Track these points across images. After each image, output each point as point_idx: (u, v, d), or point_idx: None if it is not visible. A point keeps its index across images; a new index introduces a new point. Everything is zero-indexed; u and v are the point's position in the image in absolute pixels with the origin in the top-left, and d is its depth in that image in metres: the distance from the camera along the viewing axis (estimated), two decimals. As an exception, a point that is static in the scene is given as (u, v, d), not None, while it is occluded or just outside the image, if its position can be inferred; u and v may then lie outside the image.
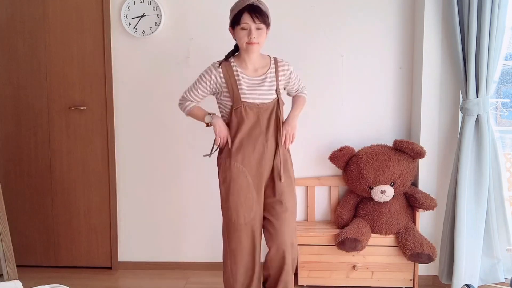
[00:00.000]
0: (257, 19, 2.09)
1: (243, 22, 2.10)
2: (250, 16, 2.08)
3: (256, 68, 2.23)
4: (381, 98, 2.96)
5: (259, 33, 2.12)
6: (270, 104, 2.20)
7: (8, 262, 2.42)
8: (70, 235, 3.13)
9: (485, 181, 2.56)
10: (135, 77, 3.01)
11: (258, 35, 2.12)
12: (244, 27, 2.11)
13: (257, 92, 2.19)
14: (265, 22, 2.12)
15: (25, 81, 3.05)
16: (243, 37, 2.13)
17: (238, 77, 2.18)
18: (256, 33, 2.11)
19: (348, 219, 2.82)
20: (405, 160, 2.73)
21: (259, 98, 2.19)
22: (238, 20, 2.11)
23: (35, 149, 3.09)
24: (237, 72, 2.19)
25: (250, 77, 2.20)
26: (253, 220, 2.22)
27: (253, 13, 2.08)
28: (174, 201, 3.08)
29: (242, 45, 2.15)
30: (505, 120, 2.94)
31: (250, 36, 2.10)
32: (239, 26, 2.12)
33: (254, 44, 2.12)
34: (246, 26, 2.10)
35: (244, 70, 2.21)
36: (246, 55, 2.20)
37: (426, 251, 2.56)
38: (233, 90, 2.17)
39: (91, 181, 3.09)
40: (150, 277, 3.02)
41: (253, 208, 2.21)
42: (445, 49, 2.71)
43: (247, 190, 2.20)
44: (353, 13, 2.90)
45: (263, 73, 2.23)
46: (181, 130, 3.02)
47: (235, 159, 2.20)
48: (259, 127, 2.19)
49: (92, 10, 2.97)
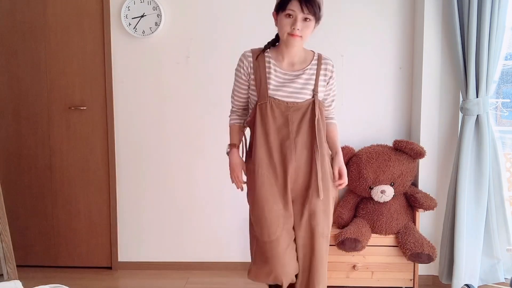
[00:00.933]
0: (307, 8, 1.79)
1: (289, 9, 1.81)
2: (299, 3, 1.79)
3: (293, 62, 1.95)
4: (381, 98, 2.96)
5: (305, 25, 1.83)
6: (303, 104, 1.92)
7: (8, 262, 2.41)
8: (70, 235, 3.13)
9: (485, 181, 2.56)
10: (135, 77, 3.01)
11: (303, 27, 1.83)
12: (289, 14, 1.82)
13: (288, 89, 1.91)
14: (315, 13, 1.82)
15: (25, 81, 3.05)
16: (285, 26, 1.84)
17: (269, 69, 1.92)
18: (301, 25, 1.82)
19: (348, 219, 2.82)
20: (405, 160, 2.73)
21: (289, 97, 1.91)
22: (285, 5, 1.81)
23: (35, 149, 3.09)
24: (270, 63, 1.93)
25: (284, 71, 1.93)
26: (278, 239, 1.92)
27: (304, 1, 1.79)
28: (174, 201, 3.08)
29: (283, 35, 1.87)
30: (505, 120, 2.94)
31: (294, 26, 1.82)
32: (284, 12, 1.82)
33: (296, 37, 1.84)
34: (292, 13, 1.81)
35: (278, 62, 1.94)
36: (285, 47, 1.92)
37: (426, 251, 2.56)
38: (260, 82, 1.90)
39: (91, 181, 3.09)
40: (150, 277, 3.02)
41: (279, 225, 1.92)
42: (445, 49, 2.71)
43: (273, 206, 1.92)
44: (353, 13, 2.90)
45: (301, 68, 1.95)
46: (181, 130, 3.02)
47: (259, 164, 1.92)
48: (286, 129, 1.91)
49: (92, 10, 2.97)
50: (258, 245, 1.99)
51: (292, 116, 1.92)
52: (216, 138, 2.93)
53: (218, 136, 2.86)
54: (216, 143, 2.91)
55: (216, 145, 2.91)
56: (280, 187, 1.94)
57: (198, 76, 2.97)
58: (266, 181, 1.93)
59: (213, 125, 2.95)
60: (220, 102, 2.81)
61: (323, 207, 1.98)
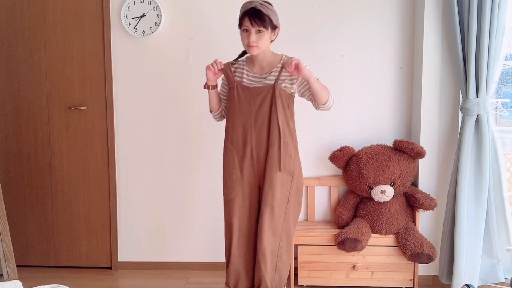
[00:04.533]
0: (256, 23, 2.12)
1: (244, 25, 2.16)
2: (249, 20, 2.13)
3: (262, 66, 2.28)
4: (381, 98, 2.96)
5: (259, 37, 2.15)
6: (264, 88, 2.23)
7: (8, 262, 2.42)
8: (70, 235, 3.13)
9: (485, 181, 2.56)
10: (135, 77, 3.01)
11: (258, 38, 2.15)
12: (245, 29, 2.16)
13: (255, 82, 2.26)
14: (265, 26, 2.14)
15: (25, 81, 3.05)
16: (244, 39, 2.19)
17: (242, 74, 2.28)
18: (255, 37, 2.14)
19: (348, 219, 2.82)
20: (405, 160, 2.73)
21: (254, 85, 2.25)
22: (240, 22, 2.18)
23: (35, 149, 3.09)
24: (244, 69, 2.29)
25: (254, 74, 2.27)
26: (233, 200, 2.28)
27: (252, 17, 2.12)
28: (174, 201, 3.08)
29: (244, 46, 2.22)
30: (505, 120, 2.94)
31: (249, 39, 2.15)
32: (241, 28, 2.19)
33: (253, 47, 2.17)
34: (247, 28, 2.15)
35: (250, 68, 2.29)
36: (255, 58, 2.27)
37: (426, 251, 2.56)
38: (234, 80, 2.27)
39: (91, 181, 3.09)
40: (150, 277, 3.02)
41: (234, 188, 2.28)
42: (445, 49, 2.71)
43: (232, 170, 2.29)
44: (353, 13, 2.90)
45: (268, 71, 2.26)
46: (181, 130, 3.02)
47: (226, 138, 2.32)
48: (248, 109, 2.23)
49: (92, 10, 2.97)
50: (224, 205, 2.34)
51: (255, 97, 2.23)
52: (216, 138, 2.92)
53: (218, 136, 2.85)
54: (216, 143, 2.90)
55: (216, 145, 2.91)
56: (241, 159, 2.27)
57: (198, 76, 2.96)
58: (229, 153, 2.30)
59: (213, 125, 2.94)
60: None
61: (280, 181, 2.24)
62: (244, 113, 2.24)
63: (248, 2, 2.17)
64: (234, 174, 2.28)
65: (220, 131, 2.54)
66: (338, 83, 2.96)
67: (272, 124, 2.22)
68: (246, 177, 2.28)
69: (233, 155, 2.28)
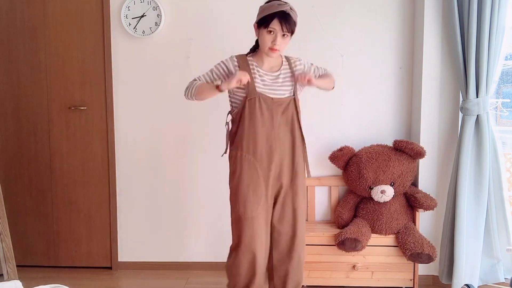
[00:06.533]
0: (285, 27, 2.07)
1: (271, 27, 2.08)
2: (279, 23, 2.06)
3: (271, 66, 2.24)
4: (381, 98, 2.96)
5: (283, 41, 2.12)
6: (284, 99, 2.21)
7: (8, 262, 2.42)
8: (70, 235, 3.13)
9: (485, 181, 2.56)
10: (135, 77, 3.01)
11: (281, 42, 2.11)
12: (271, 31, 2.09)
13: (272, 87, 2.20)
14: (292, 31, 2.11)
15: (25, 81, 3.05)
16: (267, 41, 2.11)
17: (253, 71, 2.19)
18: (280, 40, 2.10)
19: (348, 219, 2.82)
20: (405, 160, 2.73)
21: (273, 93, 2.19)
22: (267, 22, 2.08)
23: (35, 149, 3.09)
24: (253, 66, 2.21)
25: (266, 72, 2.21)
26: (259, 214, 2.20)
27: (283, 21, 2.06)
28: (174, 201, 3.08)
29: (265, 48, 2.15)
30: (505, 120, 2.94)
31: (274, 42, 2.09)
32: (266, 28, 2.09)
33: (275, 51, 2.13)
34: (273, 31, 2.08)
35: (260, 66, 2.22)
36: (265, 56, 2.20)
37: (426, 251, 2.56)
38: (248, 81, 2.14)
39: (91, 181, 3.09)
40: (150, 277, 3.02)
41: (260, 202, 2.19)
42: (445, 49, 2.71)
43: (256, 184, 2.18)
44: (353, 13, 2.90)
45: (277, 70, 2.23)
46: (181, 130, 3.02)
47: (246, 150, 2.18)
48: (271, 121, 2.18)
49: (92, 10, 2.97)
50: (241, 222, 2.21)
51: (276, 109, 2.19)
52: (216, 138, 2.92)
53: (218, 136, 2.86)
54: (216, 143, 2.90)
55: (216, 145, 2.91)
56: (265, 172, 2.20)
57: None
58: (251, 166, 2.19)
59: (213, 125, 2.95)
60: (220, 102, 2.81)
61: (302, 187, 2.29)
62: (267, 124, 2.17)
63: (278, 3, 2.08)
64: (259, 188, 2.18)
65: (220, 131, 2.53)
66: (338, 83, 2.94)
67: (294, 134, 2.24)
68: (270, 191, 2.22)
69: (256, 168, 2.18)
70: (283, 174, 2.23)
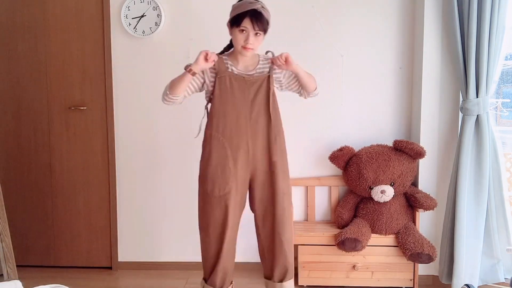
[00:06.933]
0: (257, 26, 2.06)
1: (242, 26, 2.06)
2: (251, 21, 2.05)
3: (246, 65, 2.22)
4: (381, 98, 2.96)
5: (256, 39, 2.10)
6: (258, 77, 2.19)
7: (8, 262, 2.42)
8: (70, 235, 3.13)
9: (485, 181, 2.56)
10: (135, 77, 3.01)
11: (254, 40, 2.09)
12: (243, 30, 2.08)
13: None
14: (265, 30, 2.10)
15: (25, 81, 3.05)
16: (239, 40, 2.10)
17: (228, 70, 2.19)
18: (253, 39, 2.08)
19: (348, 219, 2.82)
20: (405, 160, 2.73)
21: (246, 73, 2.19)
22: (238, 21, 2.07)
23: (35, 149, 3.09)
24: (228, 65, 2.20)
25: (240, 71, 2.20)
26: (227, 193, 2.19)
27: (254, 19, 2.04)
28: (174, 201, 3.08)
29: (238, 47, 2.14)
30: (505, 120, 2.94)
31: (247, 41, 2.08)
32: (238, 27, 2.08)
33: (249, 50, 2.11)
34: (245, 29, 2.07)
35: (235, 65, 2.21)
36: (240, 55, 2.19)
37: (426, 251, 2.56)
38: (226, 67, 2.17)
39: (91, 181, 3.09)
40: (150, 277, 3.02)
41: (228, 182, 2.18)
42: (445, 49, 2.71)
43: (224, 163, 2.18)
44: (353, 13, 2.90)
45: (253, 68, 2.22)
46: (181, 130, 3.01)
47: (216, 129, 2.18)
48: (242, 100, 2.16)
49: (92, 10, 2.97)
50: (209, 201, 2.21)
51: (249, 88, 2.17)
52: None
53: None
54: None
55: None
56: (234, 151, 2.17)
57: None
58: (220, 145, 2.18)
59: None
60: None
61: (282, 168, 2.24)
62: (238, 102, 2.16)
63: (249, 1, 2.07)
64: (227, 167, 2.17)
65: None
66: (338, 83, 2.96)
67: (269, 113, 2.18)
68: (239, 170, 2.19)
69: (225, 147, 2.17)
70: (256, 155, 2.21)
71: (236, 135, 2.17)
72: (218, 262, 2.27)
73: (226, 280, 2.32)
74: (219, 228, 2.23)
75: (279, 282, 2.32)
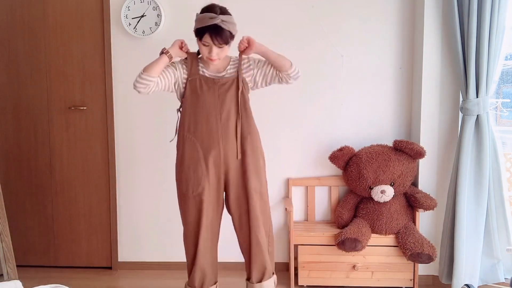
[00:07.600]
0: (217, 41, 2.07)
1: (204, 41, 2.09)
2: (211, 37, 2.06)
3: (217, 67, 2.24)
4: (381, 98, 2.96)
5: (220, 50, 2.11)
6: (228, 78, 2.21)
7: (8, 262, 2.42)
8: (70, 235, 3.13)
9: (485, 181, 2.56)
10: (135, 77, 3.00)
11: (219, 51, 2.11)
12: (205, 44, 2.10)
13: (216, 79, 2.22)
14: (226, 42, 2.10)
15: (25, 81, 3.05)
16: (204, 52, 2.14)
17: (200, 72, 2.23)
18: (216, 51, 2.10)
19: (348, 219, 2.82)
20: (405, 160, 2.73)
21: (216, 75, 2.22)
22: (200, 36, 2.10)
23: (35, 149, 3.09)
24: (199, 67, 2.23)
25: (210, 73, 2.23)
26: (201, 194, 2.22)
27: (214, 34, 2.05)
28: (174, 201, 3.07)
29: (204, 56, 2.17)
30: (505, 120, 2.94)
31: (210, 53, 2.11)
32: (200, 41, 2.11)
33: (214, 61, 2.15)
34: (207, 44, 2.09)
35: (206, 68, 2.24)
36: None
37: (426, 251, 2.56)
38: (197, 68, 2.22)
39: (91, 181, 3.09)
40: (150, 277, 3.02)
41: (201, 182, 2.21)
42: (445, 49, 2.71)
43: (197, 164, 2.20)
44: (353, 13, 2.90)
45: (223, 70, 2.24)
46: (181, 130, 3.01)
47: (188, 130, 2.21)
48: (212, 101, 2.18)
49: (92, 10, 2.97)
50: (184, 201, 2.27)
51: (220, 89, 2.19)
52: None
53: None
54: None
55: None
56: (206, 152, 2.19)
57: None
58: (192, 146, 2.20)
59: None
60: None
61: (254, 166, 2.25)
62: (208, 104, 2.18)
63: (209, 16, 2.05)
64: (200, 168, 2.20)
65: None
66: (338, 83, 2.96)
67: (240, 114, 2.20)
68: (211, 170, 2.21)
69: (197, 148, 2.20)
70: (228, 155, 2.22)
71: (207, 136, 2.19)
72: (195, 262, 2.31)
73: (205, 280, 2.34)
74: (195, 227, 2.28)
75: (257, 282, 2.33)
